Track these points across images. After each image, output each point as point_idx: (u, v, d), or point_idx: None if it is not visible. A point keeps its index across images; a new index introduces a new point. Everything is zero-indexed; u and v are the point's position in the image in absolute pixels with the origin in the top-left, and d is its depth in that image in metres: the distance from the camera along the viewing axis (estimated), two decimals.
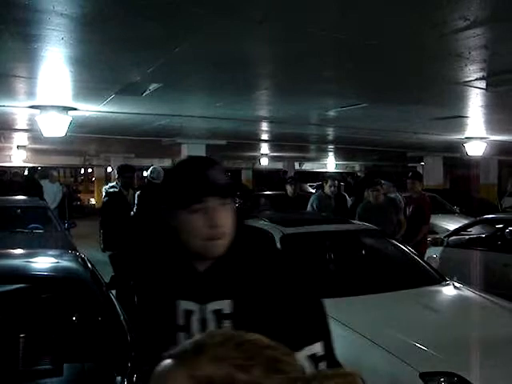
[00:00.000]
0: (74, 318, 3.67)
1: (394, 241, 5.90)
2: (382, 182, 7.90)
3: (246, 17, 3.64)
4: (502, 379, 3.42)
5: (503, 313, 4.48)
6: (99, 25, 3.85)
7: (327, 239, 5.76)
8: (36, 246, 6.41)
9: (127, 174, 7.12)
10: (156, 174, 6.68)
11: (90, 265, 4.43)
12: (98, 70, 5.41)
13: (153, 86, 6.12)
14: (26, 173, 15.48)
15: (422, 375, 3.31)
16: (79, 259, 4.53)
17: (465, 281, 5.68)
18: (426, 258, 5.73)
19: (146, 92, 6.40)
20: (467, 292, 5.05)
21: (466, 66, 5.01)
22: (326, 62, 5.11)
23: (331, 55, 4.83)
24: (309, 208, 8.15)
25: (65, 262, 4.50)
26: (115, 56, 4.82)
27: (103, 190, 6.93)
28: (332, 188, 8.27)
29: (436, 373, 3.37)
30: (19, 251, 4.93)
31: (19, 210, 9.15)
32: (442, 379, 3.35)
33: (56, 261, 4.55)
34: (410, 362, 3.43)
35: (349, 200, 9.95)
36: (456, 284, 5.15)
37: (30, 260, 4.49)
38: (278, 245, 5.20)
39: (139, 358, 5.22)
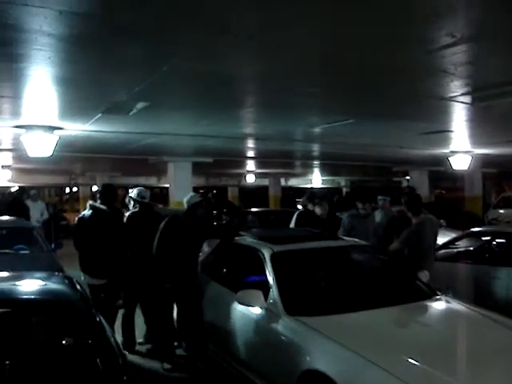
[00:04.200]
0: (63, 342, 3.58)
1: (384, 256, 5.89)
2: (379, 196, 7.90)
3: (232, 34, 3.64)
4: None
5: (495, 326, 4.47)
6: (87, 45, 3.83)
7: (318, 256, 5.74)
8: (22, 267, 6.28)
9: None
10: (144, 194, 6.54)
11: (78, 286, 4.36)
12: (84, 89, 5.39)
13: (140, 105, 6.11)
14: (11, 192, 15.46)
15: None
16: (67, 281, 4.45)
17: (455, 294, 5.69)
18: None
19: (133, 111, 6.38)
20: (459, 306, 5.05)
21: (451, 81, 5.06)
22: (311, 79, 5.13)
23: (317, 72, 4.85)
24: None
25: (52, 285, 4.41)
26: (102, 75, 4.80)
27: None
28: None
29: None
30: (5, 274, 4.83)
31: (4, 231, 9.00)
32: None
33: (43, 283, 4.47)
34: (406, 379, 3.41)
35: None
36: (447, 298, 5.15)
37: (17, 283, 4.40)
38: (269, 263, 5.17)
39: None
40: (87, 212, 6.22)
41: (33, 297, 4.09)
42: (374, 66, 4.61)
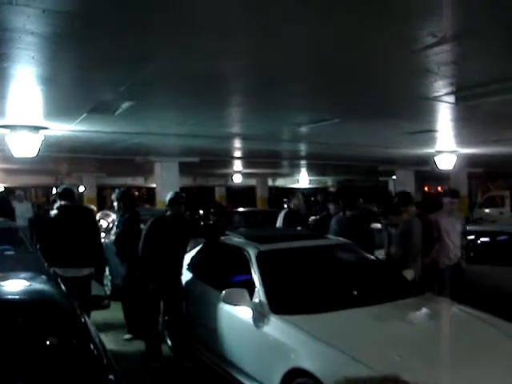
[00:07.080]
0: (48, 343, 3.57)
1: (369, 255, 5.92)
2: None
3: (216, 32, 3.64)
4: None
5: (479, 323, 4.52)
6: (71, 44, 3.81)
7: (303, 255, 5.76)
8: (7, 267, 6.25)
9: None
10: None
11: (63, 286, 4.35)
12: (69, 88, 5.36)
13: (125, 105, 6.08)
14: None
15: None
16: (52, 281, 4.44)
17: (443, 293, 5.74)
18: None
19: (119, 110, 6.36)
20: (444, 304, 5.10)
21: (435, 81, 5.10)
22: (297, 79, 5.14)
23: (302, 72, 4.86)
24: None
25: (37, 285, 4.39)
26: (87, 75, 4.77)
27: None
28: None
29: None
30: None
31: None
32: None
33: (28, 283, 4.45)
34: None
35: None
36: (432, 296, 5.19)
37: (1, 283, 4.38)
38: (254, 262, 5.18)
39: None
40: (54, 212, 6.55)
41: (17, 297, 4.08)
42: (358, 67, 4.64)
